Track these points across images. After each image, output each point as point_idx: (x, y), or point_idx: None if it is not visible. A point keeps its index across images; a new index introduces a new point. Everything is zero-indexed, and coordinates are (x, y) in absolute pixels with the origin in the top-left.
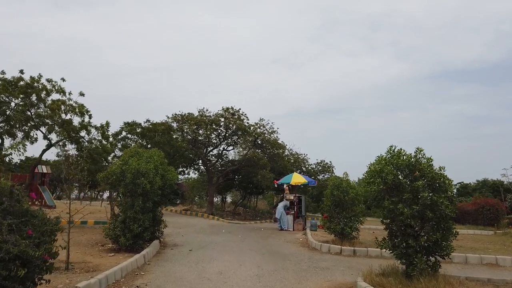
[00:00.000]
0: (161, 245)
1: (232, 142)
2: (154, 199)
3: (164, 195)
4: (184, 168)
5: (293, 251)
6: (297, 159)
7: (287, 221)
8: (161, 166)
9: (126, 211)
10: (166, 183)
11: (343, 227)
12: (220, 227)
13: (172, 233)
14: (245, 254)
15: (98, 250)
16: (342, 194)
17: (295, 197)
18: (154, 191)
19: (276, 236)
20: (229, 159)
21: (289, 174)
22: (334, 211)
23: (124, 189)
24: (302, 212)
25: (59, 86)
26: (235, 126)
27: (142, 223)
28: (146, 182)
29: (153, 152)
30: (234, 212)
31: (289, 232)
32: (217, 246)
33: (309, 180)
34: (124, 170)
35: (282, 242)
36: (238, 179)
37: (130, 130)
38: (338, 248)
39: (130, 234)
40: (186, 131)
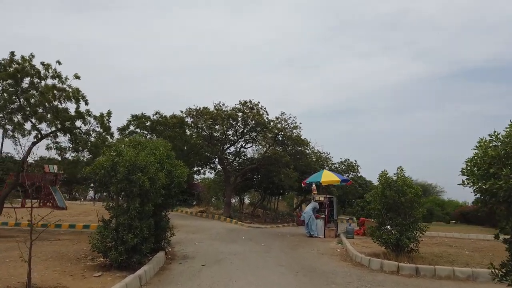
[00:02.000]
0: (168, 257)
1: (250, 139)
2: (156, 201)
3: (171, 196)
4: (200, 167)
5: (334, 267)
6: (319, 158)
7: (317, 226)
8: (168, 160)
9: (118, 216)
10: (173, 181)
11: (399, 237)
12: (239, 232)
13: (183, 240)
14: (273, 272)
15: (83, 267)
16: (397, 195)
17: (326, 199)
18: (156, 190)
19: (306, 245)
20: (248, 157)
21: (317, 172)
22: (386, 216)
23: (115, 187)
24: (333, 216)
25: (54, 70)
26: (254, 121)
27: (139, 232)
28: (145, 179)
29: (158, 143)
30: (253, 214)
31: (320, 239)
32: (237, 259)
33: (342, 178)
34: (116, 163)
35: (315, 253)
36: (257, 179)
37: (138, 124)
38: (394, 265)
39: (123, 247)
40: (201, 126)
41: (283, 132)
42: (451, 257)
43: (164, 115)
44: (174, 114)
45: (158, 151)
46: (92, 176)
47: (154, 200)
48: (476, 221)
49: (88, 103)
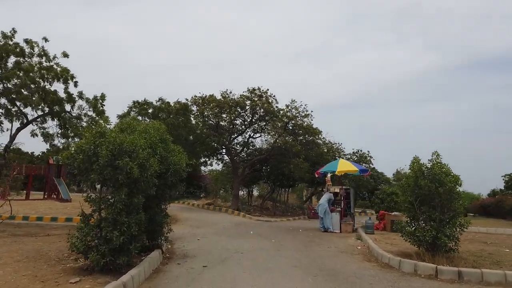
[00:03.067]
0: (165, 256)
1: (259, 128)
2: (149, 192)
3: (168, 186)
4: (207, 158)
5: (358, 269)
6: (331, 148)
7: (332, 220)
8: (162, 145)
9: (101, 210)
10: (169, 169)
11: (436, 234)
12: (247, 227)
13: (186, 235)
14: (286, 275)
15: (61, 269)
16: (433, 185)
17: (342, 190)
18: (148, 179)
19: (322, 242)
20: (256, 147)
21: (332, 161)
22: (419, 210)
23: (97, 175)
24: (350, 209)
25: (42, 48)
26: (263, 109)
27: (126, 229)
28: (133, 165)
29: (150, 125)
30: (262, 207)
31: (336, 235)
32: (244, 258)
33: (361, 167)
34: (97, 146)
35: (334, 251)
36: (266, 170)
37: (140, 111)
38: (431, 268)
39: (106, 247)
40: (207, 114)
41: (293, 120)
42: (493, 257)
43: (167, 101)
44: (178, 100)
45: (148, 134)
46: (70, 162)
47: (146, 190)
48: (497, 214)
49: (78, 85)
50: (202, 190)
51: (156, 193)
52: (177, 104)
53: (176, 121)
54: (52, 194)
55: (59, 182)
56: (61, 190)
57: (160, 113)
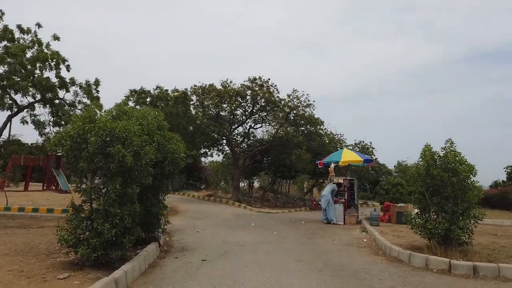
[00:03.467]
0: (163, 249)
1: (260, 119)
2: (144, 182)
3: (165, 176)
4: (207, 149)
5: (365, 263)
6: (332, 139)
7: (336, 211)
8: (159, 132)
9: (93, 201)
10: (166, 157)
11: (448, 226)
12: (248, 218)
13: (185, 227)
14: (290, 271)
15: (50, 264)
16: (446, 174)
17: (346, 181)
18: (142, 168)
19: (326, 234)
20: (257, 138)
21: (336, 151)
22: (430, 201)
23: (86, 163)
24: (354, 200)
25: (34, 33)
26: (264, 99)
27: (119, 222)
28: (126, 152)
29: (147, 111)
30: (263, 199)
31: (340, 227)
32: (245, 252)
33: (365, 157)
34: (87, 132)
35: (339, 244)
36: (267, 161)
37: (137, 100)
38: (443, 262)
39: (98, 240)
40: (207, 104)
41: (295, 110)
42: (506, 250)
43: (165, 89)
44: (177, 88)
45: (145, 120)
46: (56, 149)
47: (140, 180)
48: (501, 205)
49: (70, 69)
50: (203, 182)
51: (152, 183)
52: (176, 92)
53: (175, 110)
54: (51, 185)
55: (58, 173)
56: (60, 182)
57: (158, 101)
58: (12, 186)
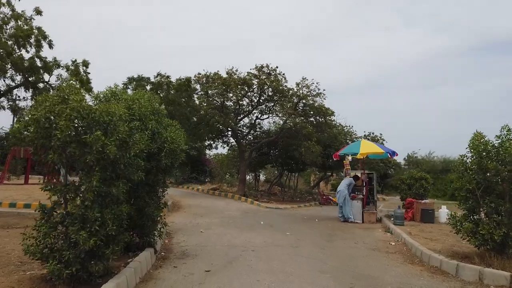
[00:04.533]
0: (160, 255)
1: (267, 110)
2: (133, 178)
3: (161, 170)
4: (212, 141)
5: (401, 275)
6: (341, 131)
7: (353, 209)
8: (154, 117)
9: (67, 202)
10: (163, 148)
11: (507, 232)
12: (256, 215)
13: (188, 226)
14: (315, 286)
15: (17, 279)
16: (504, 168)
17: (364, 175)
18: (131, 161)
19: (346, 235)
20: (264, 129)
21: (353, 142)
22: (482, 200)
23: (56, 154)
24: (373, 196)
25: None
26: (271, 88)
27: (99, 228)
28: (107, 141)
29: (139, 94)
30: (270, 192)
31: (359, 226)
32: (256, 259)
33: (387, 149)
34: (58, 114)
35: (364, 249)
36: (274, 154)
37: (136, 87)
38: (503, 276)
39: (71, 252)
40: (212, 93)
41: (304, 100)
42: None
43: (167, 75)
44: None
45: (137, 103)
46: (20, 137)
47: (128, 175)
48: None
49: (53, 46)
50: (207, 175)
51: (146, 179)
52: (178, 80)
53: (178, 98)
54: (52, 178)
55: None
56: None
57: (159, 89)
58: (14, 179)
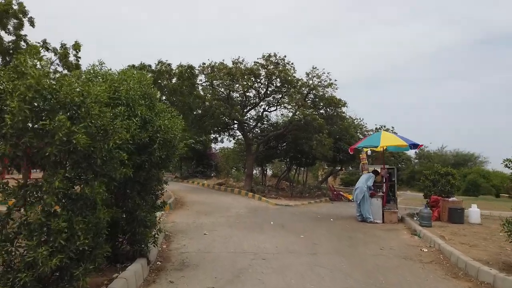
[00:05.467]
0: (154, 266)
1: (274, 102)
2: (115, 176)
3: (154, 164)
4: (217, 134)
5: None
6: (351, 124)
7: (372, 207)
8: (144, 102)
9: (26, 208)
10: (155, 138)
11: None
12: (265, 213)
13: (190, 227)
14: None
15: None
16: None
17: (384, 170)
18: (112, 154)
19: (367, 238)
20: (271, 122)
21: (374, 133)
22: None
23: (8, 146)
24: (394, 194)
25: None
26: (279, 79)
27: (66, 243)
28: (75, 128)
29: (128, 74)
30: (277, 187)
31: (380, 227)
32: (269, 270)
33: (411, 141)
34: (11, 93)
35: (392, 256)
36: (282, 147)
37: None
38: None
39: (29, 275)
40: (217, 84)
41: (314, 90)
42: None
43: (168, 63)
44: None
45: (125, 85)
46: None
47: (108, 173)
48: None
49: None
50: (213, 169)
51: (136, 176)
52: (180, 67)
53: (180, 87)
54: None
55: None
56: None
57: (161, 77)
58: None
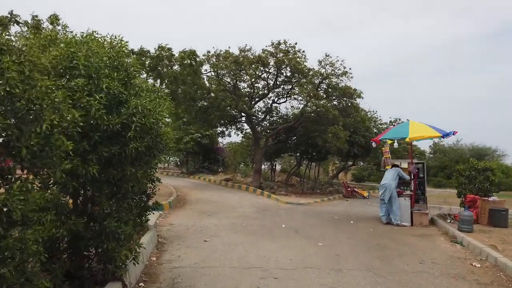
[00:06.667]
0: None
1: (284, 93)
2: (55, 174)
3: (129, 159)
4: (224, 128)
5: None
6: (365, 116)
7: (400, 208)
8: (117, 75)
9: None
10: (130, 123)
11: None
12: (275, 214)
13: (189, 231)
14: None
15: None
16: None
17: (412, 165)
18: (47, 141)
19: (400, 247)
20: (281, 114)
21: (400, 124)
22: None
23: None
24: (424, 192)
25: None
26: (289, 67)
27: None
28: None
29: (91, 37)
30: (287, 183)
31: (410, 231)
32: None
33: (444, 131)
34: None
35: (439, 275)
36: (292, 141)
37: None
38: None
39: None
40: (223, 73)
41: (327, 79)
42: None
43: (168, 48)
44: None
45: (84, 49)
46: None
47: (41, 168)
48: None
49: None
50: (220, 164)
51: (102, 175)
52: (182, 53)
53: (181, 74)
54: None
55: None
56: None
57: (160, 64)
58: None
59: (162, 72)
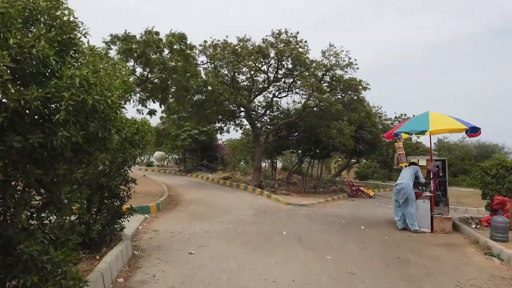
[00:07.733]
0: None
1: (285, 86)
2: None
3: (56, 151)
4: (222, 123)
5: None
6: (371, 111)
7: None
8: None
9: None
10: (57, 98)
11: None
12: (275, 217)
13: (173, 240)
14: None
15: None
16: None
17: (432, 163)
18: None
19: (425, 263)
20: (282, 109)
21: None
22: None
23: None
24: (446, 194)
25: None
26: (291, 59)
27: None
28: None
29: None
30: (288, 181)
31: (433, 240)
32: None
33: (469, 124)
34: None
35: None
36: (294, 138)
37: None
38: None
39: None
40: (220, 64)
41: (331, 71)
42: None
43: (156, 31)
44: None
45: None
46: None
47: None
48: None
49: None
50: (219, 162)
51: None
52: (172, 36)
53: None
54: None
55: None
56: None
57: (147, 49)
58: None
59: (151, 60)
